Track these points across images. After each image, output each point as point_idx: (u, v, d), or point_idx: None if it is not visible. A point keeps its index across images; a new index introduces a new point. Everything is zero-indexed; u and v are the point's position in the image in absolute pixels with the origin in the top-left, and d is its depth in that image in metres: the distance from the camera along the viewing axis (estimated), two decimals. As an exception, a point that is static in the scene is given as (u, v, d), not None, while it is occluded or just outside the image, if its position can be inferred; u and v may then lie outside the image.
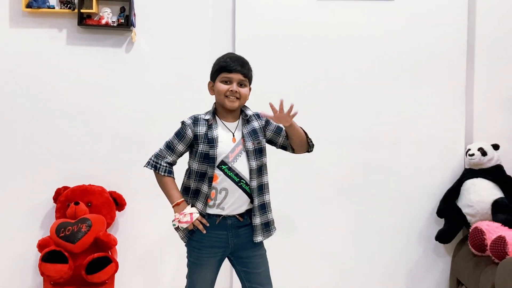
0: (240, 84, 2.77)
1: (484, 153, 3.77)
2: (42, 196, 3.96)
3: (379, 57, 3.92)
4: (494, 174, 3.79)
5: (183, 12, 3.96)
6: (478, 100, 3.93)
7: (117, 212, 3.93)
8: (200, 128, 2.78)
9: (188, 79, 3.95)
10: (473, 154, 3.78)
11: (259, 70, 3.82)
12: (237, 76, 2.75)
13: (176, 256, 3.97)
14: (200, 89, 3.86)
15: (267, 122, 2.88)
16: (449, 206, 3.85)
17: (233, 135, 2.80)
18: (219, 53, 3.83)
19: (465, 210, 3.77)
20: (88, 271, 3.54)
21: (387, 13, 3.90)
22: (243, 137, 2.80)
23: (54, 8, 3.88)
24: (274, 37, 3.89)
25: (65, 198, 3.83)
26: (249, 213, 2.82)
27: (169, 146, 2.85)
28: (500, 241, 3.25)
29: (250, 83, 2.84)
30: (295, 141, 2.86)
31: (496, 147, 3.81)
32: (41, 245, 3.67)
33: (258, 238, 2.80)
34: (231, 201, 2.76)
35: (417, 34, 3.90)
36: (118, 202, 3.91)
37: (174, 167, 2.85)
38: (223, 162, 2.75)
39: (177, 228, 2.77)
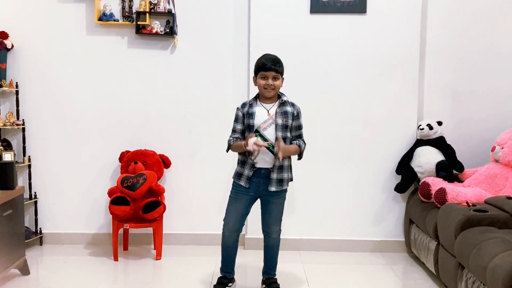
0: (274, 78, 2.86)
1: (431, 127, 3.74)
2: (111, 157, 3.98)
3: (354, 56, 3.87)
4: (438, 143, 3.76)
5: (212, 23, 3.92)
6: (427, 88, 3.88)
7: (164, 169, 3.95)
8: (246, 108, 2.94)
9: (213, 73, 3.94)
10: (423, 128, 3.75)
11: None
12: (271, 74, 2.85)
13: (205, 200, 4.00)
14: (221, 79, 3.91)
15: (297, 116, 2.98)
16: (404, 166, 3.82)
17: (268, 111, 2.90)
18: (239, 54, 3.90)
19: (416, 169, 3.75)
20: (144, 211, 3.58)
21: (360, 23, 3.84)
22: (276, 113, 2.89)
23: (118, 21, 3.86)
24: (277, 41, 3.85)
25: (127, 159, 3.85)
26: None
27: (233, 129, 3.00)
28: (442, 191, 3.24)
29: (282, 75, 2.93)
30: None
31: (440, 123, 3.78)
32: (110, 192, 3.70)
33: (272, 188, 2.92)
34: (261, 158, 2.89)
35: (382, 38, 3.84)
36: (165, 162, 3.92)
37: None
38: (257, 130, 2.88)
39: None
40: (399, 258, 3.83)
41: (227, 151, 3.05)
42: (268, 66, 2.83)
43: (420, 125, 3.79)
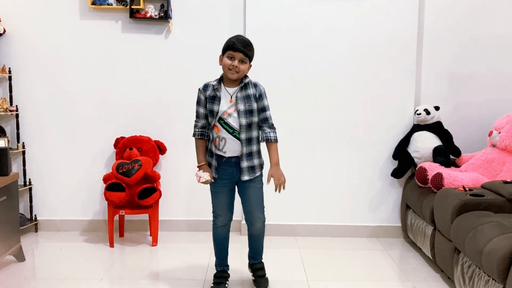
0: (241, 61, 2.69)
1: (428, 112, 3.75)
2: (106, 143, 3.98)
3: (351, 41, 3.86)
4: (435, 128, 3.76)
5: (207, 8, 3.89)
6: (424, 74, 3.88)
7: (160, 156, 3.95)
8: (209, 92, 2.78)
9: (208, 58, 3.91)
10: (420, 113, 3.76)
11: (263, 49, 3.83)
12: (239, 55, 2.68)
13: (200, 186, 3.99)
14: (215, 65, 3.86)
15: (260, 97, 2.78)
16: (401, 151, 3.84)
17: (231, 97, 2.75)
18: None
19: (413, 154, 3.77)
20: (139, 197, 3.59)
21: (357, 8, 3.82)
22: (236, 100, 2.74)
23: (112, 5, 3.83)
24: (274, 27, 3.83)
25: (122, 145, 3.85)
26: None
27: (196, 114, 2.87)
28: (438, 176, 3.26)
29: (250, 61, 2.76)
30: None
31: (437, 108, 3.79)
32: (105, 179, 3.71)
33: (245, 177, 2.81)
34: (229, 147, 2.77)
35: (379, 23, 3.83)
36: (161, 148, 3.92)
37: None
38: (220, 118, 2.75)
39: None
40: (395, 243, 3.86)
41: (193, 135, 2.92)
42: (238, 47, 2.67)
43: (417, 110, 3.79)
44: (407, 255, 3.62)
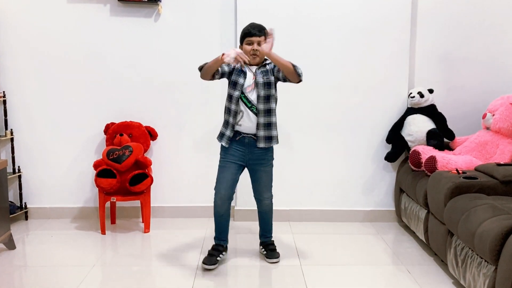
0: (259, 43, 2.93)
1: (422, 95, 3.76)
2: (96, 129, 3.98)
3: (344, 23, 3.86)
4: (429, 111, 3.78)
5: (197, -10, 3.88)
6: (418, 56, 3.89)
7: (151, 141, 3.95)
8: (238, 64, 2.90)
9: (200, 41, 3.91)
10: (414, 96, 3.77)
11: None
12: (256, 39, 2.93)
13: (193, 172, 4.02)
14: (208, 46, 3.89)
15: (275, 66, 2.97)
16: (395, 135, 3.86)
17: (253, 74, 2.99)
18: (225, 23, 3.87)
19: (407, 138, 3.79)
20: (131, 183, 3.59)
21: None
22: (256, 74, 2.97)
23: (99, -12, 3.81)
24: (266, 9, 3.82)
25: (112, 131, 3.84)
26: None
27: (206, 64, 2.98)
28: (432, 159, 3.28)
29: None
30: (284, 71, 2.92)
31: (431, 91, 3.80)
32: (96, 165, 3.70)
33: (260, 145, 3.01)
34: (245, 121, 2.99)
35: (373, 4, 3.83)
36: (152, 134, 3.92)
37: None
38: (242, 92, 2.96)
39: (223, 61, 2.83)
40: (389, 227, 3.90)
41: (201, 75, 3.00)
42: (253, 32, 2.92)
43: (411, 93, 3.81)
44: (401, 239, 3.66)
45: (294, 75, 2.91)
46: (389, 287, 2.89)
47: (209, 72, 2.93)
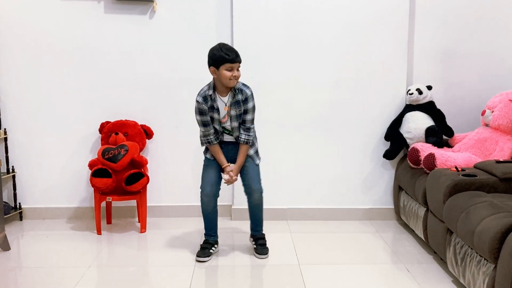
0: (237, 69, 3.03)
1: (420, 92, 3.77)
2: (91, 128, 3.97)
3: (342, 19, 3.85)
4: (428, 108, 3.79)
5: (193, -13, 3.87)
6: (416, 52, 3.88)
7: (147, 140, 3.94)
8: (209, 103, 3.08)
9: (195, 39, 3.91)
10: (412, 93, 3.78)
11: (250, 30, 3.82)
12: (237, 65, 3.01)
13: (189, 171, 4.02)
14: (202, 46, 3.87)
15: (246, 100, 3.08)
16: (393, 132, 3.86)
17: (225, 105, 3.10)
18: (221, 20, 3.86)
19: (405, 135, 3.80)
20: (126, 183, 3.58)
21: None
22: (230, 106, 3.08)
23: (93, -15, 3.80)
24: (262, 7, 3.81)
25: (107, 130, 3.84)
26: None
27: (203, 124, 3.12)
28: (431, 157, 3.29)
29: None
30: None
31: (429, 87, 3.81)
32: (91, 165, 3.70)
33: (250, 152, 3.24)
34: (226, 137, 3.22)
35: (371, 0, 3.83)
36: (147, 133, 3.91)
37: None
38: (220, 122, 3.13)
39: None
40: (388, 225, 3.91)
41: (203, 145, 3.22)
42: (233, 58, 2.97)
43: (409, 89, 3.81)
44: (399, 237, 3.67)
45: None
46: (388, 286, 2.89)
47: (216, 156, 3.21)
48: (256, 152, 3.26)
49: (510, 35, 3.89)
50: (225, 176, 3.16)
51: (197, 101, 3.08)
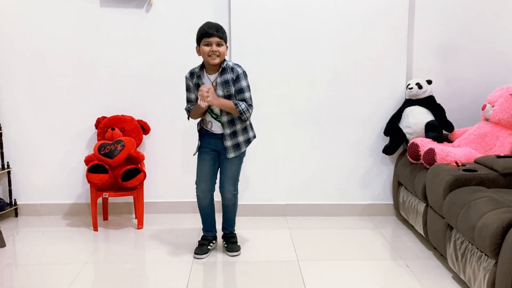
0: (218, 45, 2.90)
1: (420, 86, 3.76)
2: (87, 124, 3.95)
3: (341, 13, 3.84)
4: (427, 102, 3.78)
5: (190, -20, 3.85)
6: (416, 46, 3.87)
7: (143, 135, 3.93)
8: (194, 80, 3.03)
9: (192, 32, 3.87)
10: (412, 88, 3.77)
11: (248, 24, 3.81)
12: (215, 39, 2.89)
13: (186, 167, 4.01)
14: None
15: (238, 78, 2.97)
16: (393, 127, 3.85)
17: (212, 83, 2.99)
18: (219, 14, 3.85)
19: (405, 130, 3.79)
20: (123, 178, 3.57)
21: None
22: (216, 85, 2.98)
23: (89, -22, 3.78)
24: (260, 1, 3.81)
25: (104, 125, 3.82)
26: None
27: (188, 100, 3.13)
28: (430, 152, 3.28)
29: (226, 43, 2.96)
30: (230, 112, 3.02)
31: (429, 82, 3.80)
32: (87, 160, 3.69)
33: (230, 155, 3.10)
34: (215, 127, 3.09)
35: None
36: (144, 128, 3.90)
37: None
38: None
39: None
40: (387, 221, 3.90)
41: (188, 118, 3.18)
42: (211, 32, 2.89)
43: (409, 84, 3.80)
44: (399, 233, 3.67)
45: (237, 115, 3.02)
46: (388, 282, 2.89)
47: (198, 116, 3.10)
48: (247, 141, 3.12)
49: (511, 28, 3.88)
50: (203, 88, 2.89)
51: (185, 77, 3.08)
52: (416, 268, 3.01)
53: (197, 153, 3.19)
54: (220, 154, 3.14)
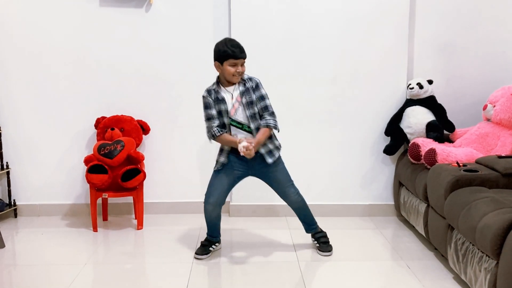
0: (242, 64, 2.98)
1: (421, 86, 3.76)
2: (87, 124, 3.96)
3: (341, 13, 3.84)
4: (428, 102, 3.78)
5: (190, -20, 3.85)
6: (417, 46, 3.88)
7: (143, 136, 3.93)
8: (213, 95, 3.02)
9: (192, 32, 3.89)
10: (412, 88, 3.77)
11: (248, 24, 3.81)
12: (241, 61, 2.96)
13: (186, 167, 4.01)
14: (199, 40, 3.86)
15: (257, 87, 3.03)
16: (394, 127, 3.85)
17: (232, 95, 3.01)
18: (219, 13, 3.84)
19: (406, 130, 3.79)
20: (123, 179, 3.57)
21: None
22: (239, 94, 3.00)
23: (88, -23, 3.78)
24: (260, 1, 3.81)
25: (103, 125, 3.82)
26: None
27: (208, 118, 3.04)
28: (431, 152, 3.28)
29: None
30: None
31: (430, 82, 3.80)
32: (87, 160, 3.70)
33: (269, 160, 3.06)
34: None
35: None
36: (144, 128, 3.90)
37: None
38: (228, 113, 3.00)
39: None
40: (388, 221, 3.91)
41: (211, 140, 3.08)
42: (238, 54, 2.93)
43: (409, 84, 3.80)
44: (400, 233, 3.67)
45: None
46: (388, 283, 2.89)
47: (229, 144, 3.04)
48: (276, 148, 3.12)
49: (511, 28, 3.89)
50: (243, 143, 2.87)
51: (203, 96, 3.04)
52: (417, 268, 3.01)
53: (215, 165, 3.12)
54: (256, 175, 3.14)
